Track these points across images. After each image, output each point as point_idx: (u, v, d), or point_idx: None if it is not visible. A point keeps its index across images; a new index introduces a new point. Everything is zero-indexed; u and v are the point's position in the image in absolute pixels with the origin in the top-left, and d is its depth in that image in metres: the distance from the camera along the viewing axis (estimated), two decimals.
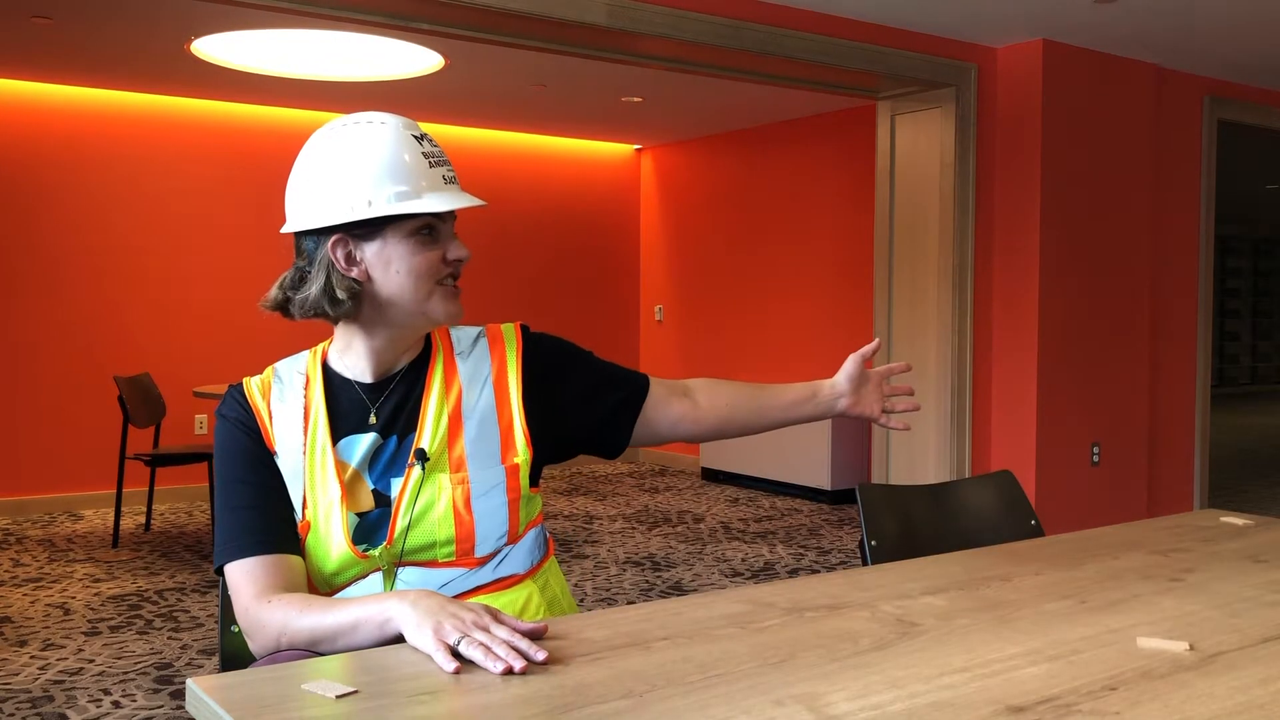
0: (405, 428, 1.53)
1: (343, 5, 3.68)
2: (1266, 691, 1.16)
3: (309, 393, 1.55)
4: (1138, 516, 5.48)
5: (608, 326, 8.30)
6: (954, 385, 5.14)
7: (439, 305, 1.51)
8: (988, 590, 1.57)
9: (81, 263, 6.37)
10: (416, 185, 1.46)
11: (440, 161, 1.50)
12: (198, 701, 1.12)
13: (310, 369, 1.58)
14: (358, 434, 1.52)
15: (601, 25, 3.96)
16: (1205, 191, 6.01)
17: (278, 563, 1.44)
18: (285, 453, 1.51)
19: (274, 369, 1.59)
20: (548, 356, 1.64)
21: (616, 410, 1.67)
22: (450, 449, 1.52)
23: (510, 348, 1.61)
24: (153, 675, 3.55)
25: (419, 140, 1.49)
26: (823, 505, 6.67)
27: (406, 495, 1.49)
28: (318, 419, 1.52)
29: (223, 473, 1.52)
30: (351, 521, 1.48)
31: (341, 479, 1.49)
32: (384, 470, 1.51)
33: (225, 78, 5.97)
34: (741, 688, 1.14)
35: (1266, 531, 1.99)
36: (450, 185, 1.50)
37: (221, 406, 1.57)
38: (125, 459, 5.47)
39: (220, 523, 1.49)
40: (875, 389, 1.82)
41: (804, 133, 7.27)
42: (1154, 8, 4.56)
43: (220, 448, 1.54)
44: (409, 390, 1.55)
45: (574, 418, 1.64)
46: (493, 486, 1.51)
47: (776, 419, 1.79)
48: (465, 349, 1.61)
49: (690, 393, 1.75)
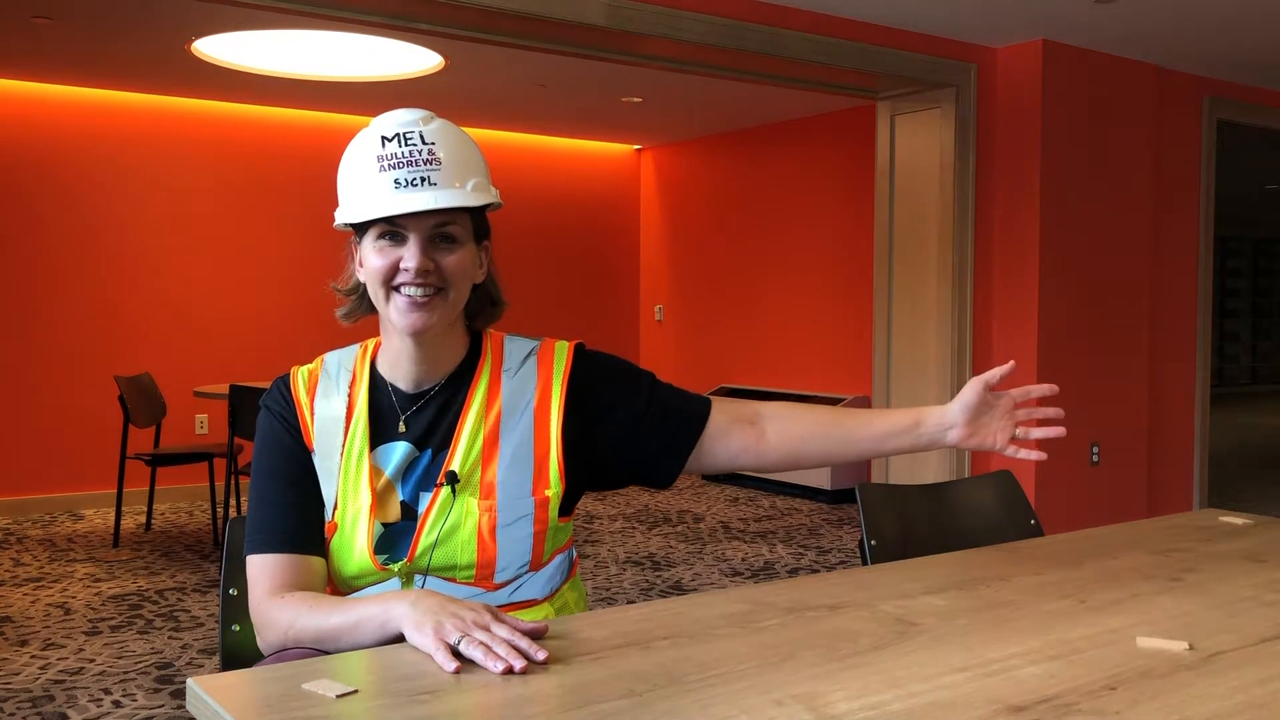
0: (441, 443, 1.50)
1: (343, 5, 3.68)
2: (1266, 691, 1.16)
3: (354, 392, 1.53)
4: (1137, 516, 5.48)
5: (608, 326, 8.30)
6: (954, 385, 5.14)
7: (395, 313, 1.46)
8: (988, 590, 1.57)
9: (82, 262, 6.37)
10: (364, 189, 1.45)
11: (399, 164, 1.43)
12: (198, 701, 1.12)
13: (358, 366, 1.56)
14: (394, 442, 1.51)
15: (601, 26, 3.96)
16: (1205, 191, 6.01)
17: (297, 563, 1.45)
18: (323, 452, 1.51)
19: (323, 361, 1.58)
20: (595, 384, 1.56)
21: (668, 444, 1.57)
22: (482, 473, 1.49)
23: (558, 371, 1.55)
24: (153, 675, 3.55)
25: (387, 141, 1.44)
26: (823, 505, 6.67)
27: (433, 515, 1.47)
28: (359, 423, 1.51)
29: (259, 463, 1.53)
30: (377, 531, 1.47)
31: (374, 487, 1.48)
32: (416, 484, 1.50)
33: (225, 78, 5.97)
34: (741, 688, 1.14)
35: (1266, 531, 2.00)
36: (404, 189, 1.42)
37: (266, 396, 1.56)
38: (126, 459, 5.47)
39: (250, 512, 1.50)
40: (1005, 415, 1.62)
41: (804, 133, 7.27)
42: (1154, 8, 4.56)
43: (260, 438, 1.55)
44: (447, 402, 1.52)
45: (618, 451, 1.56)
46: (520, 517, 1.48)
47: (864, 450, 1.63)
48: (514, 365, 1.55)
49: (759, 420, 1.62)
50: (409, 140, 1.44)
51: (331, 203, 1.61)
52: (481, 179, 1.50)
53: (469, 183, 1.47)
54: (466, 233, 1.50)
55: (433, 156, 1.44)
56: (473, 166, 1.49)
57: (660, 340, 8.38)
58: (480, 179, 1.50)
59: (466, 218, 1.50)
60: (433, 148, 1.45)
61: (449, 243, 1.48)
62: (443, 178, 1.44)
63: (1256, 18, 4.71)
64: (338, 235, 1.61)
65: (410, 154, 1.44)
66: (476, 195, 1.47)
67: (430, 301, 1.46)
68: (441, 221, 1.46)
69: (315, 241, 6.97)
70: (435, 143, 1.45)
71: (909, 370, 5.34)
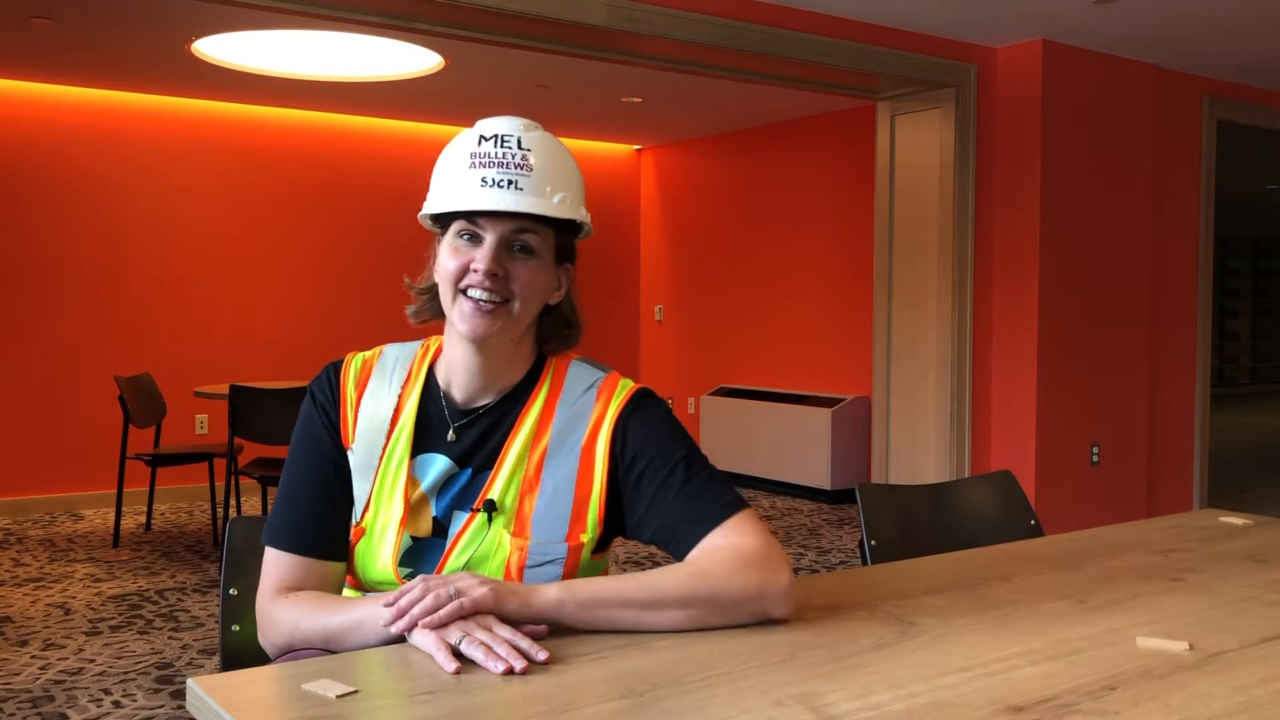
0: (483, 463, 1.45)
1: (343, 5, 3.68)
2: (1266, 691, 1.16)
3: (405, 394, 1.49)
4: (1137, 517, 5.48)
5: (608, 326, 8.30)
6: (954, 385, 5.14)
7: (458, 316, 1.42)
8: (988, 590, 1.57)
9: (82, 262, 6.37)
10: (450, 183, 1.42)
11: (490, 163, 1.40)
12: (198, 701, 1.12)
13: (416, 366, 1.52)
14: (436, 453, 1.46)
15: (601, 26, 3.96)
16: (1205, 191, 6.01)
17: (312, 567, 1.44)
18: (361, 451, 1.47)
19: (382, 353, 1.54)
20: (631, 443, 1.44)
21: (660, 531, 1.43)
22: (519, 505, 1.43)
23: (610, 413, 1.46)
24: (153, 675, 3.55)
25: (484, 140, 1.42)
26: (823, 505, 6.67)
27: (464, 539, 1.43)
28: (404, 429, 1.47)
29: (294, 452, 1.50)
30: (405, 543, 1.44)
31: (408, 498, 1.44)
32: (452, 501, 1.45)
33: (225, 78, 5.97)
34: (741, 688, 1.14)
35: (1266, 531, 2.00)
36: (488, 188, 1.39)
37: (314, 382, 1.52)
38: (126, 459, 5.47)
39: (277, 500, 1.48)
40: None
41: (804, 133, 7.27)
42: (1154, 8, 4.56)
43: (300, 425, 1.51)
44: (498, 422, 1.47)
45: (636, 521, 1.45)
46: (550, 560, 1.43)
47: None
48: (573, 395, 1.47)
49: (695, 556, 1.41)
50: (505, 142, 1.41)
51: (331, 202, 1.60)
52: (573, 195, 1.45)
53: (557, 195, 1.42)
54: (546, 247, 1.44)
55: (525, 162, 1.40)
56: (565, 181, 1.44)
57: (660, 340, 8.38)
58: (571, 195, 1.44)
59: (550, 233, 1.44)
60: (527, 154, 1.41)
61: (525, 253, 1.42)
62: (530, 184, 1.40)
63: (1256, 18, 4.70)
64: (337, 234, 1.60)
65: (503, 155, 1.40)
66: (562, 209, 1.42)
67: (495, 310, 1.41)
68: (521, 228, 1.41)
69: (315, 241, 6.96)
70: (531, 150, 1.42)
71: (909, 371, 5.34)
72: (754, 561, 1.34)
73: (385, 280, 6.97)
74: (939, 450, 5.20)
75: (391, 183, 7.15)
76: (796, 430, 6.80)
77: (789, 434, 6.86)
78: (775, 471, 7.00)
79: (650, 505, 1.42)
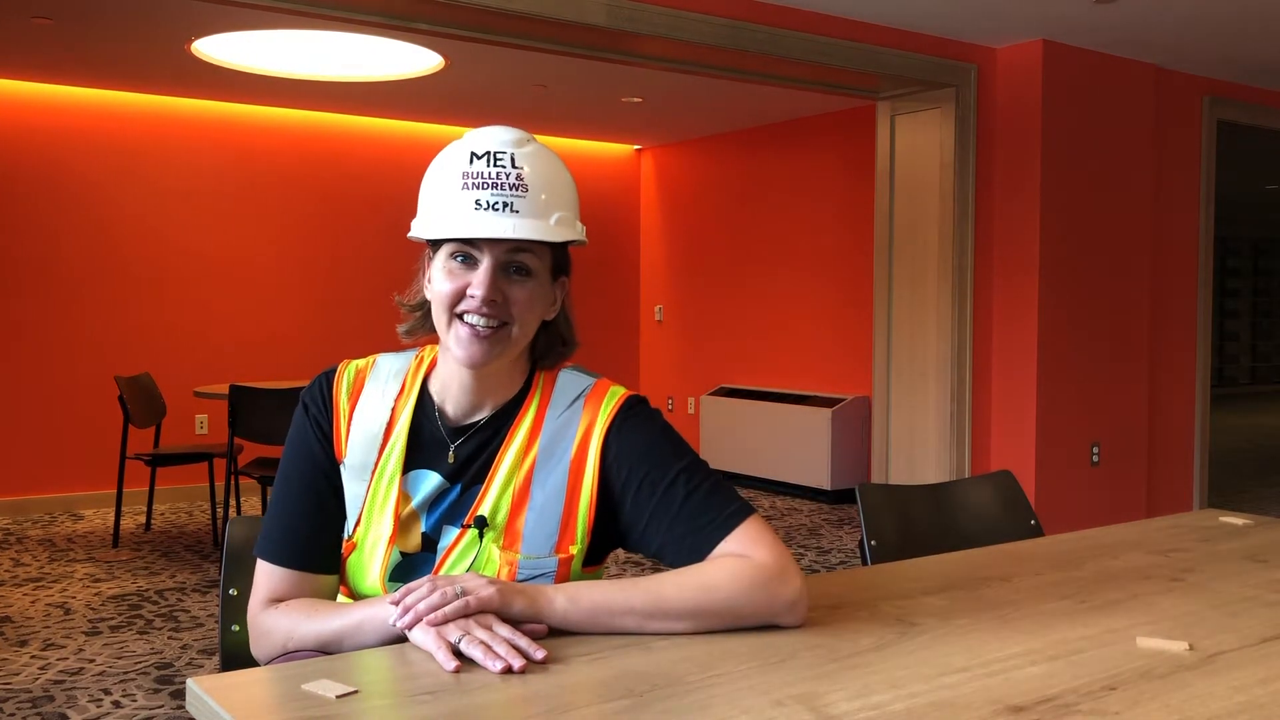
0: (474, 479, 1.43)
1: (343, 5, 3.68)
2: (1266, 691, 1.16)
3: (399, 407, 1.47)
4: (1137, 517, 5.48)
5: (608, 326, 8.30)
6: (954, 385, 5.14)
7: (454, 342, 1.39)
8: (988, 590, 1.57)
9: (82, 262, 6.37)
10: (443, 205, 1.38)
11: (484, 184, 1.36)
12: (198, 701, 1.12)
13: (410, 379, 1.49)
14: (429, 470, 1.44)
15: (601, 26, 3.96)
16: (1205, 191, 6.01)
17: (303, 579, 1.43)
18: (353, 464, 1.45)
19: (375, 363, 1.51)
20: (624, 455, 1.42)
21: (663, 544, 1.40)
22: (510, 521, 1.41)
23: (600, 422, 1.43)
24: (153, 675, 3.55)
25: (476, 158, 1.37)
26: (823, 505, 6.67)
27: (454, 554, 1.41)
28: (396, 444, 1.45)
29: (286, 463, 1.48)
30: (394, 559, 1.42)
31: (398, 514, 1.43)
32: (442, 516, 1.43)
33: (225, 78, 5.97)
34: (741, 688, 1.14)
35: (1266, 531, 2.00)
36: (483, 211, 1.35)
37: (307, 392, 1.50)
38: (125, 459, 5.47)
39: (269, 512, 1.47)
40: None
41: (804, 133, 7.27)
42: (1154, 8, 4.56)
43: (291, 436, 1.49)
44: (489, 439, 1.44)
45: (639, 536, 1.43)
46: (540, 575, 1.40)
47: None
48: (561, 406, 1.45)
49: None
50: (499, 161, 1.37)
51: (332, 202, 1.59)
52: (568, 214, 1.42)
53: (554, 215, 1.39)
54: (542, 266, 1.41)
55: (520, 182, 1.37)
56: (561, 199, 1.40)
57: (660, 340, 8.38)
58: (567, 214, 1.41)
59: (546, 251, 1.42)
60: (521, 172, 1.37)
61: (522, 274, 1.39)
62: (526, 206, 1.36)
63: (1256, 18, 4.71)
64: (337, 234, 1.59)
65: (497, 176, 1.36)
66: (559, 230, 1.39)
67: (493, 335, 1.38)
68: (517, 250, 1.38)
69: (316, 240, 6.96)
70: (525, 168, 1.37)
71: (909, 370, 5.34)
72: (767, 576, 1.32)
73: (385, 280, 6.95)
74: (939, 450, 5.20)
75: (391, 183, 7.15)
76: (796, 430, 6.80)
77: (789, 434, 6.86)
78: (775, 471, 7.00)
79: (652, 519, 1.40)
